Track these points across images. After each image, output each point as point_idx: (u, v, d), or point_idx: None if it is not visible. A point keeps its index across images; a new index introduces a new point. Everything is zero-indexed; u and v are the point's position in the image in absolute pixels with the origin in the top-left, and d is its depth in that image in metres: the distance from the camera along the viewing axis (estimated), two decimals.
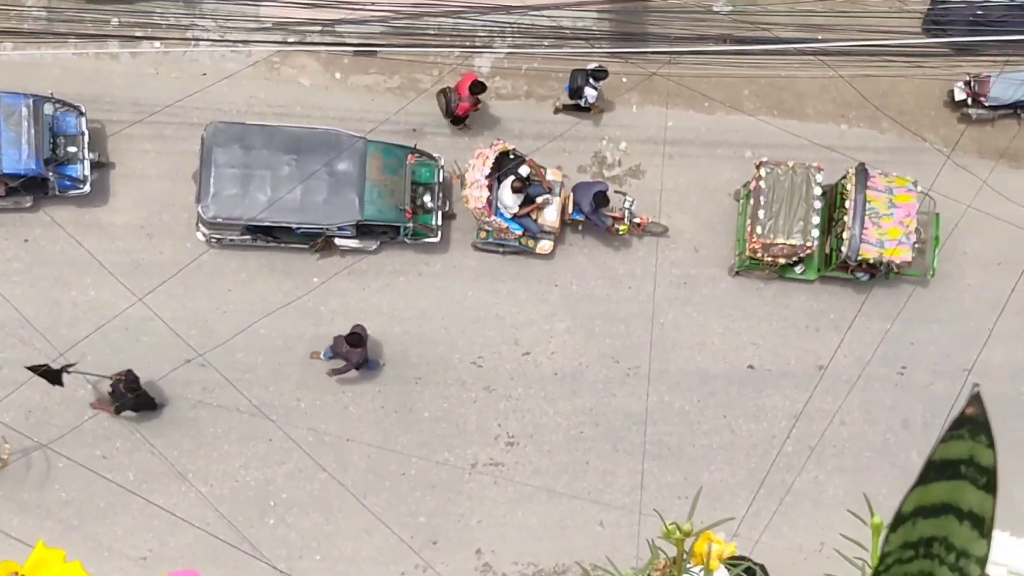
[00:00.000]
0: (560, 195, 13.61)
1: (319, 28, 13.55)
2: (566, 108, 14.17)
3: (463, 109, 13.62)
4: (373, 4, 13.43)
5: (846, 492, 13.92)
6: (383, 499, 13.54)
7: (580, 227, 13.74)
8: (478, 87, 13.33)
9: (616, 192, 13.51)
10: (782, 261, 13.76)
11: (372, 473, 13.53)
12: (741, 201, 13.92)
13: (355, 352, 12.63)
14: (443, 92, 13.76)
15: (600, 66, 13.63)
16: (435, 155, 13.55)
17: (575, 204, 13.42)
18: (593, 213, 13.27)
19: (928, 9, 14.15)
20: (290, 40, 13.52)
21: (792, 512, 13.77)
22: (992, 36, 13.39)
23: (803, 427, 13.87)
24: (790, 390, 13.92)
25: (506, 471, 13.69)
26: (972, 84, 14.04)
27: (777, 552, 13.61)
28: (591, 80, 13.70)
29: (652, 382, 13.85)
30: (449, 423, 13.73)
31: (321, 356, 13.28)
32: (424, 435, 13.69)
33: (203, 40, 13.31)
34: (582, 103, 14.01)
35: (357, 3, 13.35)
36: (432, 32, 13.52)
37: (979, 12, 13.73)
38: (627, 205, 13.53)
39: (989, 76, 14.01)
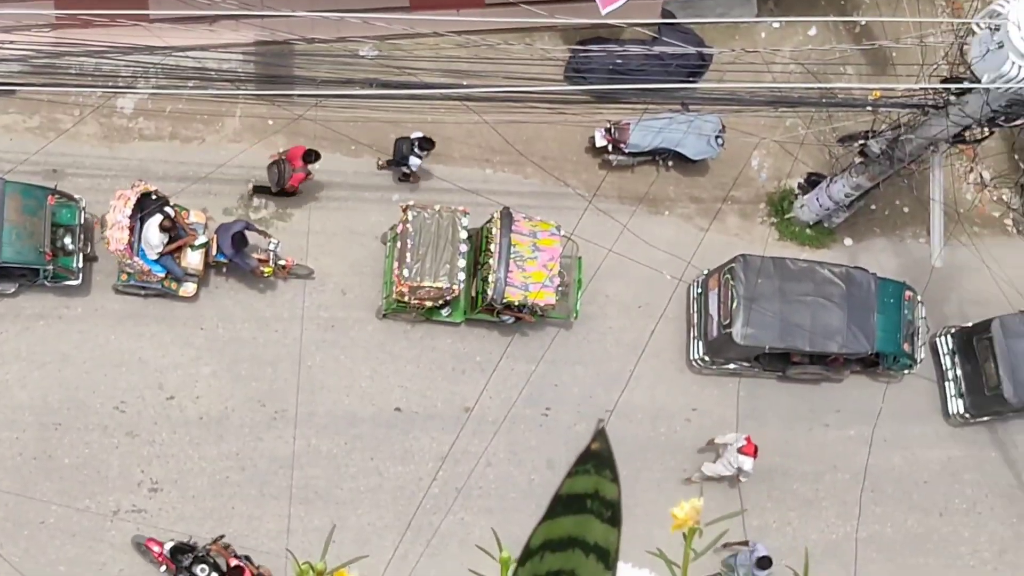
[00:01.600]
0: (205, 237, 22.96)
1: None
2: (389, 164, 24.99)
3: (297, 180, 24.13)
4: (11, 42, 22.77)
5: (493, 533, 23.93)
6: (21, 548, 22.74)
7: (224, 269, 23.36)
8: (312, 156, 23.79)
9: (261, 234, 23.00)
10: (429, 304, 23.72)
11: (9, 521, 22.70)
12: (388, 244, 23.91)
13: None
14: (275, 164, 24.17)
15: (426, 136, 24.49)
16: (76, 196, 22.92)
17: (218, 246, 22.85)
18: (236, 255, 22.82)
19: (569, 58, 24.70)
20: None
21: (439, 554, 23.71)
22: (631, 85, 23.73)
23: (450, 469, 23.89)
24: (437, 432, 23.92)
25: (149, 518, 23.09)
26: (612, 131, 24.63)
27: None
28: (416, 149, 24.54)
29: (299, 425, 23.58)
30: (90, 469, 23.04)
31: None
32: (64, 482, 22.94)
33: None
34: (405, 170, 24.93)
35: None
36: (73, 72, 22.97)
37: (618, 61, 24.33)
38: (272, 247, 23.20)
39: (629, 123, 24.65)
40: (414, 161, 24.57)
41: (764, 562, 22.80)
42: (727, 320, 24.76)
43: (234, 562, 21.75)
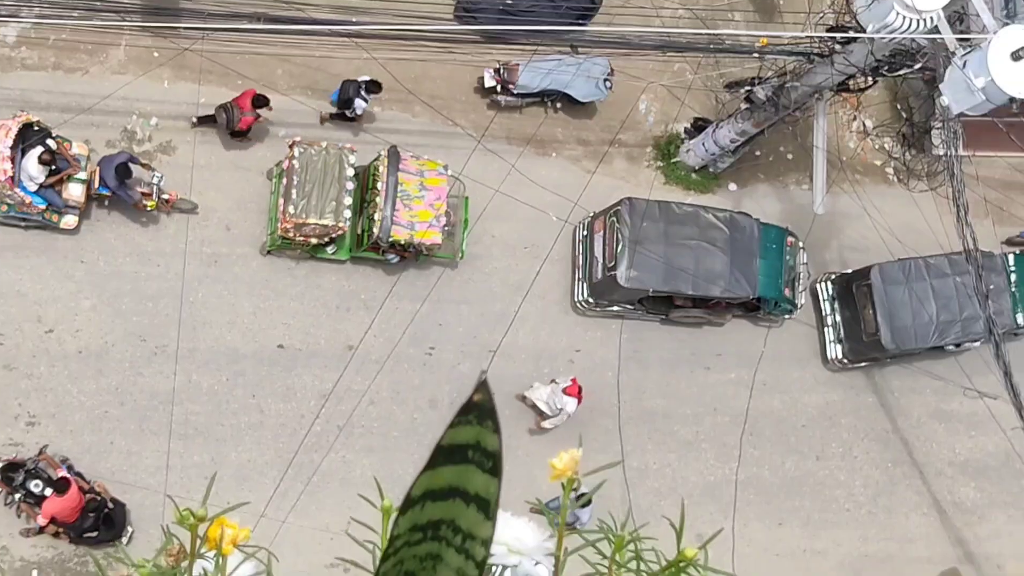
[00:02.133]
0: (87, 169, 22.92)
1: None
2: (332, 117, 25.32)
3: (246, 123, 24.40)
4: None
5: (374, 471, 24.15)
6: None
7: (107, 202, 23.34)
8: (261, 100, 24.07)
9: (144, 167, 23.01)
10: (314, 241, 23.84)
11: None
12: (274, 180, 23.99)
13: None
14: (223, 108, 24.36)
15: (373, 79, 24.72)
16: None
17: (100, 179, 22.84)
18: (119, 187, 22.89)
19: None
20: None
21: (320, 491, 23.92)
22: (521, 25, 23.94)
23: (332, 407, 24.12)
24: (320, 370, 24.09)
25: (26, 452, 22.97)
26: (501, 71, 24.91)
27: (304, 532, 23.59)
28: (363, 92, 24.76)
29: (180, 361, 23.69)
30: None
31: None
32: None
33: None
34: (349, 113, 25.15)
35: None
36: None
37: (509, 2, 24.63)
38: (155, 181, 23.25)
39: (518, 64, 24.82)
40: (359, 104, 24.78)
41: (582, 498, 22.94)
42: (612, 262, 25.15)
43: (61, 473, 21.84)
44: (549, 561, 3.00)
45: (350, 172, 23.72)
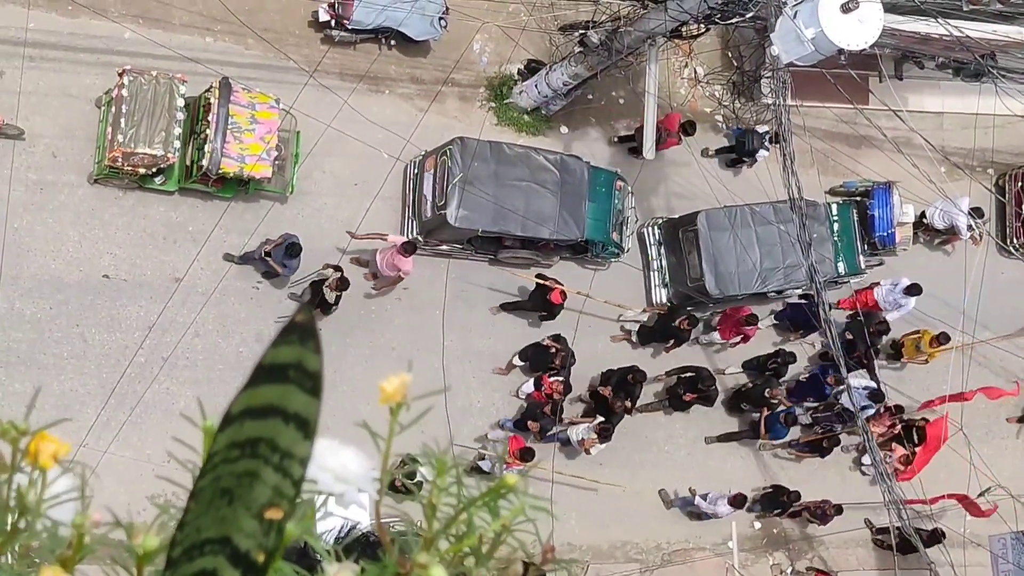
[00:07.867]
0: None
1: None
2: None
3: (669, 145, 28.73)
4: None
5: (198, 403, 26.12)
6: None
7: None
8: (689, 128, 29.35)
9: None
10: (142, 171, 25.47)
11: None
12: (103, 108, 25.55)
13: None
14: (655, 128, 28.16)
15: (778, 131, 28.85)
16: None
17: None
18: None
19: None
20: None
21: (143, 422, 25.76)
22: None
23: (157, 338, 25.95)
24: (145, 301, 25.92)
25: None
26: (336, 7, 26.73)
27: (126, 463, 25.34)
28: (766, 142, 30.27)
29: (3, 288, 25.35)
30: None
31: None
32: None
33: None
34: (748, 163, 30.93)
35: None
36: None
37: None
38: None
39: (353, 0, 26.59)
40: (762, 154, 30.41)
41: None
42: (442, 201, 27.14)
43: None
44: (374, 488, 3.15)
45: (180, 102, 25.13)
